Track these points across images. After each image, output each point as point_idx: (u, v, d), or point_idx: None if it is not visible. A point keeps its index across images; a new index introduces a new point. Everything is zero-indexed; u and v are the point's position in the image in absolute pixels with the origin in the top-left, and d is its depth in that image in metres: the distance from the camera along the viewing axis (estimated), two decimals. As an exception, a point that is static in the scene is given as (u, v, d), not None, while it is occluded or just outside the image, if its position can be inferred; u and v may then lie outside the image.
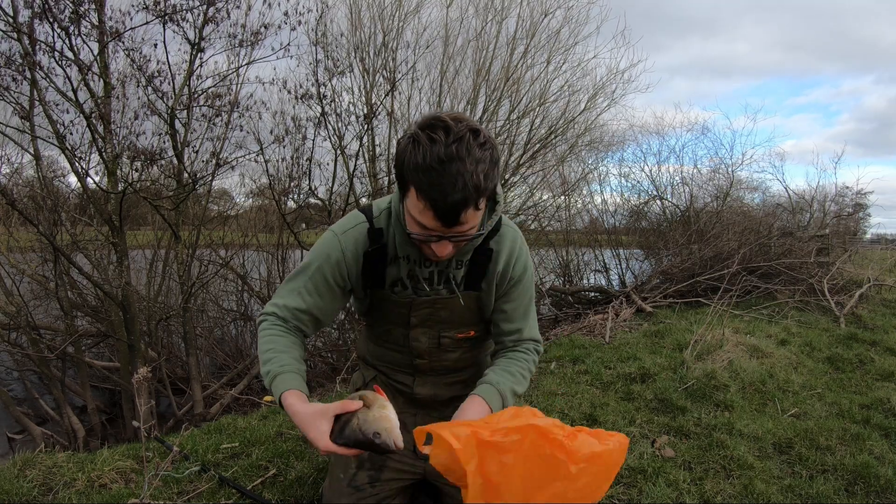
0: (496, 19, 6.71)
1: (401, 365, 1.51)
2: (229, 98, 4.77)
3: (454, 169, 0.96)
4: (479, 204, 1.03)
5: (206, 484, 1.88)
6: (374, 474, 1.47)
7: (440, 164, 0.96)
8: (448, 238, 1.08)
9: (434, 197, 0.99)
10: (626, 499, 1.98)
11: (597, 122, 7.81)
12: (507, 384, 1.27)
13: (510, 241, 1.31)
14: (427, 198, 1.00)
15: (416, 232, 1.10)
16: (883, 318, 5.51)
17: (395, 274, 1.32)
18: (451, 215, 1.01)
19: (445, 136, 0.98)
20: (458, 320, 1.39)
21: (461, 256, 1.28)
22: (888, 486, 2.12)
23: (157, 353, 5.05)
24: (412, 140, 1.01)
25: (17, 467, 1.94)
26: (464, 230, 1.07)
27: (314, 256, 1.31)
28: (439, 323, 1.39)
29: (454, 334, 1.42)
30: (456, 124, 0.99)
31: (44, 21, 3.77)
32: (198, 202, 6.43)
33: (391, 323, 1.43)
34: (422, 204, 1.02)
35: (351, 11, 6.20)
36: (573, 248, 9.54)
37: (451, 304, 1.35)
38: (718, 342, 3.77)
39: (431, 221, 1.04)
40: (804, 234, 7.66)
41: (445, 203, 0.99)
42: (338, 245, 1.28)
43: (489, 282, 1.33)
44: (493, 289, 1.34)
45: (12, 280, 5.24)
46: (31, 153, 4.65)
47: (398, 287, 1.34)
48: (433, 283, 1.32)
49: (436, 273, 1.31)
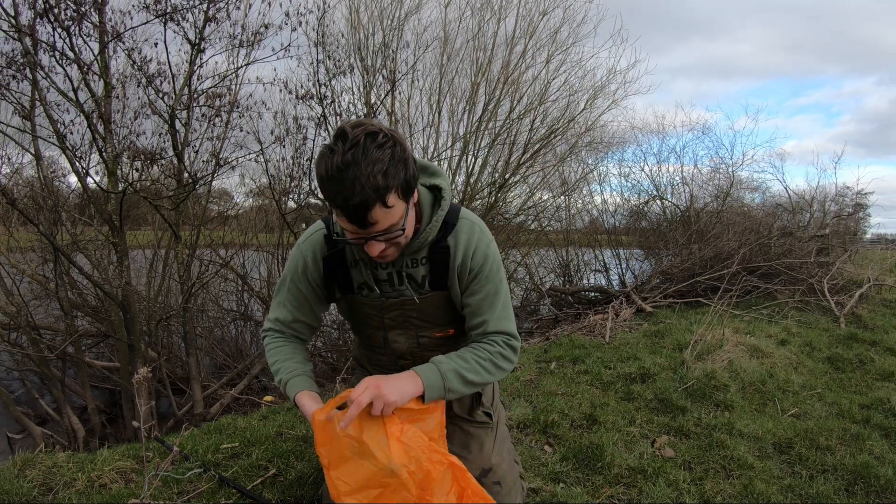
0: (494, 19, 6.72)
1: (387, 367, 1.51)
2: (229, 98, 4.77)
3: (351, 174, 1.01)
4: (387, 201, 1.05)
5: (206, 484, 1.88)
6: None
7: (338, 171, 1.01)
8: (374, 238, 1.11)
9: (339, 204, 1.04)
10: (626, 499, 1.98)
11: (597, 122, 7.82)
12: (451, 364, 1.23)
13: (466, 233, 1.29)
14: (334, 205, 1.06)
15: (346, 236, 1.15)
16: (883, 318, 5.51)
17: (358, 277, 1.34)
18: (358, 218, 1.05)
19: (343, 144, 1.02)
20: (431, 320, 1.39)
21: (413, 255, 1.28)
22: (888, 486, 2.12)
23: (157, 353, 5.05)
24: (320, 154, 1.07)
25: (17, 467, 1.94)
26: (383, 229, 1.09)
27: (286, 270, 1.39)
28: (414, 323, 1.39)
29: (432, 333, 1.41)
30: (352, 130, 1.04)
31: (45, 21, 3.77)
32: (198, 202, 6.43)
33: (369, 326, 1.44)
34: (336, 210, 1.07)
35: (350, 11, 6.21)
36: (573, 248, 9.54)
37: (420, 305, 1.34)
38: (718, 342, 3.77)
39: (348, 225, 1.09)
40: (804, 234, 7.66)
41: (348, 207, 1.03)
42: (300, 255, 1.34)
43: (452, 278, 1.31)
44: (457, 285, 1.32)
45: (12, 280, 5.24)
46: (32, 153, 4.65)
47: (365, 290, 1.36)
48: (394, 284, 1.32)
49: (394, 274, 1.31)
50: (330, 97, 5.13)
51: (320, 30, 4.93)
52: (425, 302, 1.34)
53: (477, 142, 6.97)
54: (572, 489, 2.01)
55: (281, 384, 1.34)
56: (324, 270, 1.34)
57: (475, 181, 7.11)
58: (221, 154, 4.90)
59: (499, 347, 1.29)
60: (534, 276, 9.03)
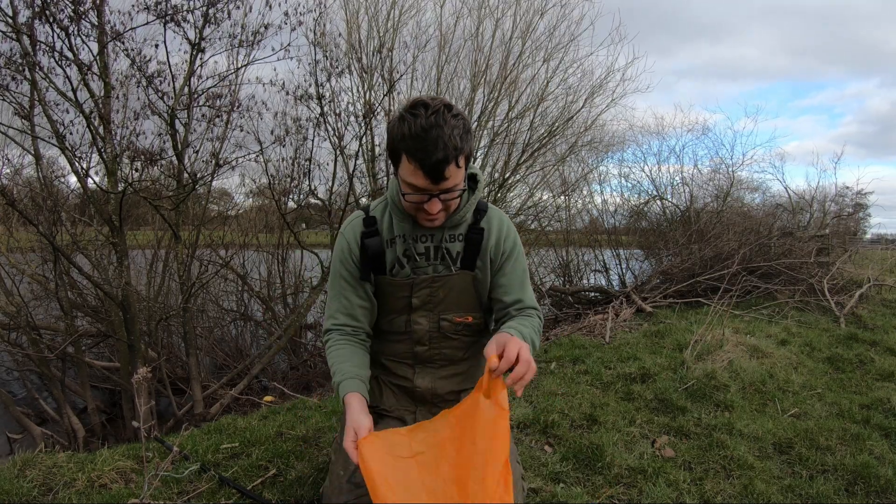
0: (491, 18, 6.71)
1: (402, 355, 1.55)
2: (229, 98, 4.76)
3: (434, 134, 1.18)
4: (459, 161, 1.22)
5: (206, 484, 1.88)
6: None
7: (423, 131, 1.18)
8: (437, 196, 1.26)
9: (422, 157, 1.19)
10: (626, 499, 1.98)
11: (597, 121, 7.82)
12: (528, 331, 1.34)
13: (497, 219, 1.45)
14: (416, 159, 1.20)
15: (409, 195, 1.28)
16: (883, 318, 5.51)
17: (391, 256, 1.43)
18: (436, 171, 1.20)
19: (425, 110, 1.20)
20: (456, 301, 1.47)
21: (452, 230, 1.41)
22: (888, 486, 2.12)
23: (157, 353, 5.05)
24: (399, 118, 1.23)
25: (17, 467, 1.94)
26: (449, 186, 1.24)
27: (334, 260, 1.48)
28: (439, 304, 1.46)
29: (453, 317, 1.48)
30: (432, 101, 1.22)
31: (43, 21, 3.76)
32: (198, 202, 6.42)
33: (393, 311, 1.49)
34: (412, 166, 1.21)
35: (346, 12, 6.21)
36: (573, 248, 9.54)
37: (450, 283, 1.44)
38: (718, 342, 3.77)
39: (422, 180, 1.22)
40: (804, 234, 7.66)
41: (430, 162, 1.19)
42: (343, 239, 1.45)
43: (483, 260, 1.44)
44: (488, 267, 1.45)
45: (12, 280, 5.23)
46: (32, 153, 4.64)
47: (396, 268, 1.44)
48: (430, 258, 1.43)
49: (431, 248, 1.42)
50: (329, 97, 5.13)
51: (318, 30, 4.93)
52: (454, 279, 1.44)
53: (477, 141, 6.97)
54: (572, 489, 2.01)
55: (335, 385, 1.35)
56: (360, 251, 1.43)
57: (475, 181, 7.09)
58: (221, 154, 4.89)
59: (537, 321, 1.44)
60: (534, 277, 9.03)
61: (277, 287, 7.23)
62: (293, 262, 7.48)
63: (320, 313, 7.02)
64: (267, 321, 6.91)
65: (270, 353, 5.52)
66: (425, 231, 1.40)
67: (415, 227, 1.40)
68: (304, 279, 7.29)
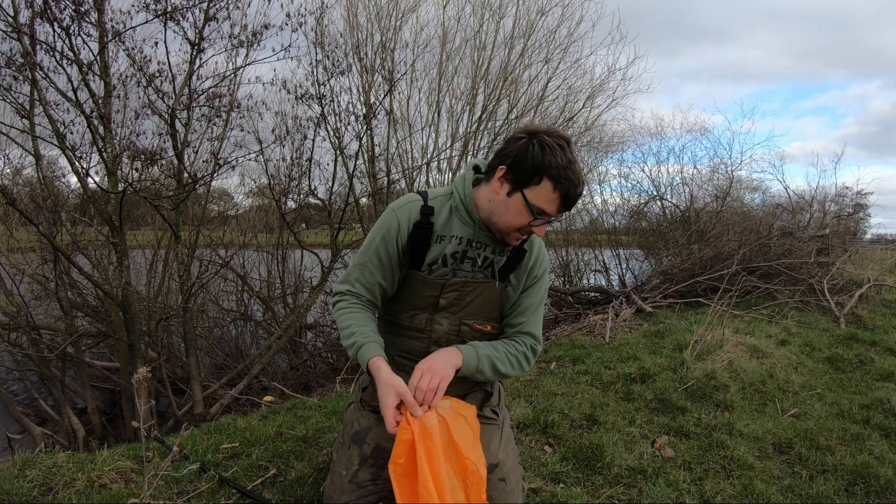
0: (493, 18, 6.71)
1: (415, 353, 1.54)
2: (229, 98, 4.76)
3: (577, 168, 1.31)
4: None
5: (206, 484, 1.88)
6: (375, 472, 1.50)
7: (570, 164, 1.29)
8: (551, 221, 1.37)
9: (568, 188, 1.30)
10: (626, 499, 1.98)
11: (597, 121, 7.82)
12: (487, 350, 1.42)
13: (538, 245, 1.54)
14: (562, 189, 1.30)
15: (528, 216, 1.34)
16: (883, 318, 5.51)
17: (436, 252, 1.44)
18: (572, 202, 1.33)
19: (567, 145, 1.31)
20: (480, 308, 1.49)
21: (505, 246, 1.47)
22: (888, 486, 2.12)
23: (157, 353, 5.05)
24: (542, 146, 1.29)
25: (17, 467, 1.94)
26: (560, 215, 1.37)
27: (375, 232, 1.46)
28: (464, 308, 1.48)
29: (474, 323, 1.50)
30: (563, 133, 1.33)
31: (44, 21, 3.76)
32: (198, 202, 6.43)
33: (416, 307, 1.50)
34: (555, 194, 1.30)
35: (348, 12, 6.21)
36: (573, 248, 9.54)
37: (479, 290, 1.47)
38: (718, 342, 3.77)
39: (554, 208, 1.32)
40: (804, 235, 7.66)
41: (574, 193, 1.32)
42: (395, 217, 1.44)
43: (518, 276, 1.50)
44: (520, 285, 1.51)
45: (12, 280, 5.23)
46: (32, 153, 4.64)
47: (436, 265, 1.44)
48: (475, 265, 1.46)
49: (480, 258, 1.46)
50: (329, 97, 5.14)
51: (319, 30, 4.93)
52: (485, 288, 1.47)
53: (476, 141, 6.97)
54: (572, 489, 2.01)
55: (353, 346, 1.35)
56: (408, 237, 1.43)
57: (475, 181, 7.10)
58: (221, 154, 4.89)
59: (524, 348, 1.49)
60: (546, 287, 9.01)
61: (277, 287, 7.23)
62: (293, 262, 7.48)
63: (320, 313, 7.03)
64: (267, 321, 6.92)
65: (270, 353, 5.52)
66: (483, 240, 1.43)
67: (477, 233, 1.42)
68: (304, 279, 7.29)
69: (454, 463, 1.21)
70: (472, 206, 1.41)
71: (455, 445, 1.22)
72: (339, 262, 5.71)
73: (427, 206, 1.43)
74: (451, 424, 1.24)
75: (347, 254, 6.58)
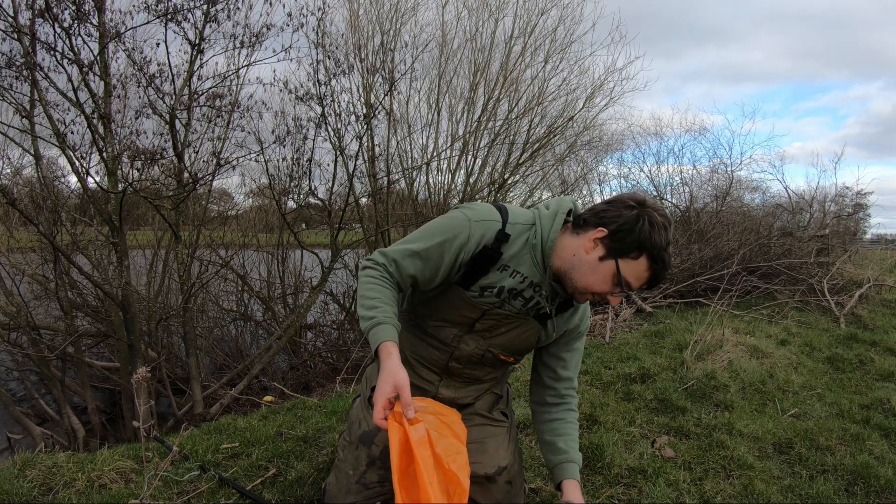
0: (492, 18, 6.71)
1: (433, 362, 1.52)
2: (230, 98, 4.76)
3: (670, 252, 1.30)
4: None
5: (206, 484, 1.88)
6: (383, 474, 1.49)
7: (668, 246, 1.27)
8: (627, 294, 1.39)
9: (660, 271, 1.28)
10: (626, 499, 1.98)
11: (596, 120, 7.82)
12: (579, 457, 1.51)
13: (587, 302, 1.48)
14: (655, 270, 1.28)
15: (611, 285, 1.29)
16: (883, 318, 5.51)
17: (493, 279, 1.36)
18: (658, 284, 1.33)
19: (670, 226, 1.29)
20: (511, 343, 1.47)
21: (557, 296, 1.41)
22: (888, 486, 2.12)
23: (157, 353, 5.05)
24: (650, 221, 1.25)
25: (17, 467, 1.94)
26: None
27: (437, 230, 1.34)
28: (495, 338, 1.46)
29: (499, 353, 1.49)
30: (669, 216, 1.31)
31: (45, 21, 3.76)
32: (198, 202, 6.43)
33: (449, 321, 1.45)
34: (648, 273, 1.28)
35: (350, 13, 6.21)
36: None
37: (517, 325, 1.44)
38: (718, 342, 3.77)
39: (638, 283, 1.30)
40: (804, 235, 7.66)
41: (663, 276, 1.31)
42: (468, 228, 1.32)
43: (557, 326, 1.49)
44: (559, 333, 1.51)
45: (12, 280, 5.23)
46: (32, 153, 4.65)
47: (488, 292, 1.38)
48: (526, 305, 1.41)
49: (534, 300, 1.40)
50: (330, 97, 5.14)
51: (320, 31, 4.93)
52: (523, 326, 1.45)
53: (476, 141, 6.97)
54: (572, 489, 2.01)
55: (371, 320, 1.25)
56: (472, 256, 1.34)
57: (475, 181, 7.11)
58: (222, 154, 4.89)
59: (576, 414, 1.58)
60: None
61: (277, 287, 7.23)
62: (293, 262, 7.48)
63: (320, 313, 7.03)
64: (267, 321, 6.92)
65: (270, 353, 5.52)
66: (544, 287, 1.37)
67: (542, 277, 1.35)
68: (304, 279, 7.29)
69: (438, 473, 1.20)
70: (549, 251, 1.32)
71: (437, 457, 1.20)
72: (339, 262, 5.71)
73: (504, 232, 1.33)
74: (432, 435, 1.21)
75: (347, 254, 6.59)
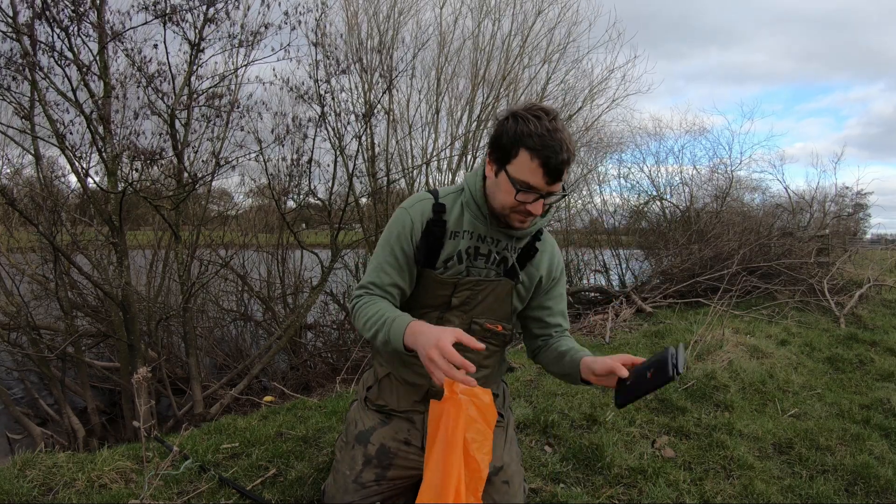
0: (491, 18, 6.72)
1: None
2: (229, 98, 4.76)
3: (559, 137, 1.24)
4: (570, 167, 1.29)
5: (206, 484, 1.88)
6: (380, 472, 1.49)
7: (549, 133, 1.23)
8: (544, 196, 1.30)
9: (547, 156, 1.23)
10: (626, 499, 1.98)
11: (597, 122, 7.83)
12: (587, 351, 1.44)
13: (551, 244, 1.54)
14: (541, 157, 1.23)
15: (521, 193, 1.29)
16: (883, 318, 5.51)
17: (451, 249, 1.42)
18: (557, 171, 1.25)
19: (546, 115, 1.25)
20: (491, 307, 1.48)
21: (518, 241, 1.45)
22: (888, 486, 2.12)
23: (157, 353, 5.05)
24: (516, 118, 1.26)
25: (17, 467, 1.94)
26: (556, 189, 1.30)
27: (389, 232, 1.44)
28: (475, 307, 1.47)
29: (485, 323, 1.49)
30: (550, 108, 1.28)
31: (43, 21, 3.76)
32: (198, 202, 6.43)
33: (428, 306, 1.48)
34: (534, 164, 1.24)
35: (347, 13, 6.21)
36: (573, 248, 9.54)
37: (491, 288, 1.46)
38: (718, 342, 3.77)
39: (540, 179, 1.25)
40: (804, 235, 7.66)
41: (556, 161, 1.24)
42: (407, 216, 1.42)
43: (530, 276, 1.49)
44: (533, 284, 1.51)
45: (12, 280, 5.23)
46: (32, 153, 4.65)
47: (451, 262, 1.43)
48: (489, 261, 1.45)
49: (494, 252, 1.44)
50: (330, 95, 5.14)
51: (318, 30, 4.93)
52: (496, 286, 1.46)
53: (476, 141, 6.97)
54: (572, 489, 2.01)
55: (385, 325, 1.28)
56: (422, 235, 1.41)
57: (475, 181, 7.10)
58: (221, 154, 4.89)
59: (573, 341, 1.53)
60: (565, 280, 9.03)
61: (277, 287, 7.23)
62: (293, 262, 7.48)
63: (320, 313, 7.03)
64: (267, 321, 6.92)
65: (270, 353, 5.52)
66: (496, 235, 1.41)
67: (489, 228, 1.40)
68: (303, 279, 7.29)
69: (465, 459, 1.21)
70: (482, 200, 1.38)
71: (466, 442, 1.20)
72: (339, 262, 5.71)
73: (438, 203, 1.42)
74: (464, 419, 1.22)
75: (347, 253, 6.59)
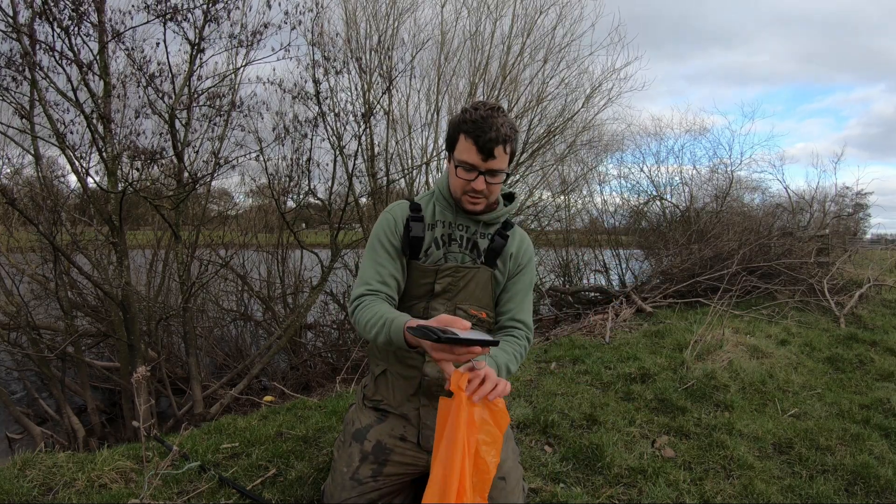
0: (491, 18, 6.71)
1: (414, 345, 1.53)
2: (229, 98, 4.76)
3: (490, 121, 1.39)
4: (506, 148, 1.43)
5: (206, 484, 1.88)
6: (376, 468, 1.51)
7: (482, 118, 1.39)
8: (483, 174, 1.44)
9: (477, 135, 1.39)
10: (626, 499, 1.98)
11: (595, 121, 7.83)
12: (503, 359, 1.46)
13: (521, 233, 1.65)
14: (472, 136, 1.40)
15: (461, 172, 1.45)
16: (883, 318, 5.51)
17: (429, 239, 1.55)
18: (487, 148, 1.40)
19: (484, 106, 1.43)
20: (473, 294, 1.56)
21: (486, 227, 1.58)
22: (888, 486, 2.12)
23: (157, 353, 5.05)
24: (461, 111, 1.45)
25: (17, 467, 1.94)
26: (494, 167, 1.43)
27: (376, 231, 1.57)
28: (458, 293, 1.55)
29: (469, 309, 1.56)
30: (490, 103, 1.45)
31: (44, 21, 3.76)
32: (198, 202, 6.42)
33: (414, 296, 1.55)
34: (468, 143, 1.41)
35: (346, 12, 6.21)
36: (573, 248, 9.55)
37: (471, 274, 1.55)
38: (718, 342, 3.77)
39: (474, 156, 1.41)
40: (804, 235, 7.66)
41: (485, 138, 1.39)
42: (389, 215, 1.57)
43: (504, 262, 1.58)
44: (507, 271, 1.59)
45: (12, 280, 5.23)
46: (32, 153, 4.64)
47: (430, 249, 1.55)
48: (462, 246, 1.57)
49: (465, 238, 1.57)
50: (328, 93, 5.13)
51: (316, 29, 4.92)
52: (476, 272, 1.55)
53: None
54: (572, 489, 2.01)
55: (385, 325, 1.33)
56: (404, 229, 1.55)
57: (475, 181, 7.10)
58: (221, 153, 4.89)
59: (524, 342, 1.57)
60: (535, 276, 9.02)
61: (277, 287, 7.23)
62: (293, 262, 7.48)
63: (320, 313, 7.02)
64: (267, 321, 6.91)
65: (270, 353, 5.52)
66: (464, 222, 1.56)
67: (457, 216, 1.56)
68: (303, 279, 7.29)
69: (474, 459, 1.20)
70: (447, 193, 1.55)
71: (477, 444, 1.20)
72: (338, 262, 5.70)
73: (414, 203, 1.58)
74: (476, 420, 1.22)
75: (347, 253, 6.58)
